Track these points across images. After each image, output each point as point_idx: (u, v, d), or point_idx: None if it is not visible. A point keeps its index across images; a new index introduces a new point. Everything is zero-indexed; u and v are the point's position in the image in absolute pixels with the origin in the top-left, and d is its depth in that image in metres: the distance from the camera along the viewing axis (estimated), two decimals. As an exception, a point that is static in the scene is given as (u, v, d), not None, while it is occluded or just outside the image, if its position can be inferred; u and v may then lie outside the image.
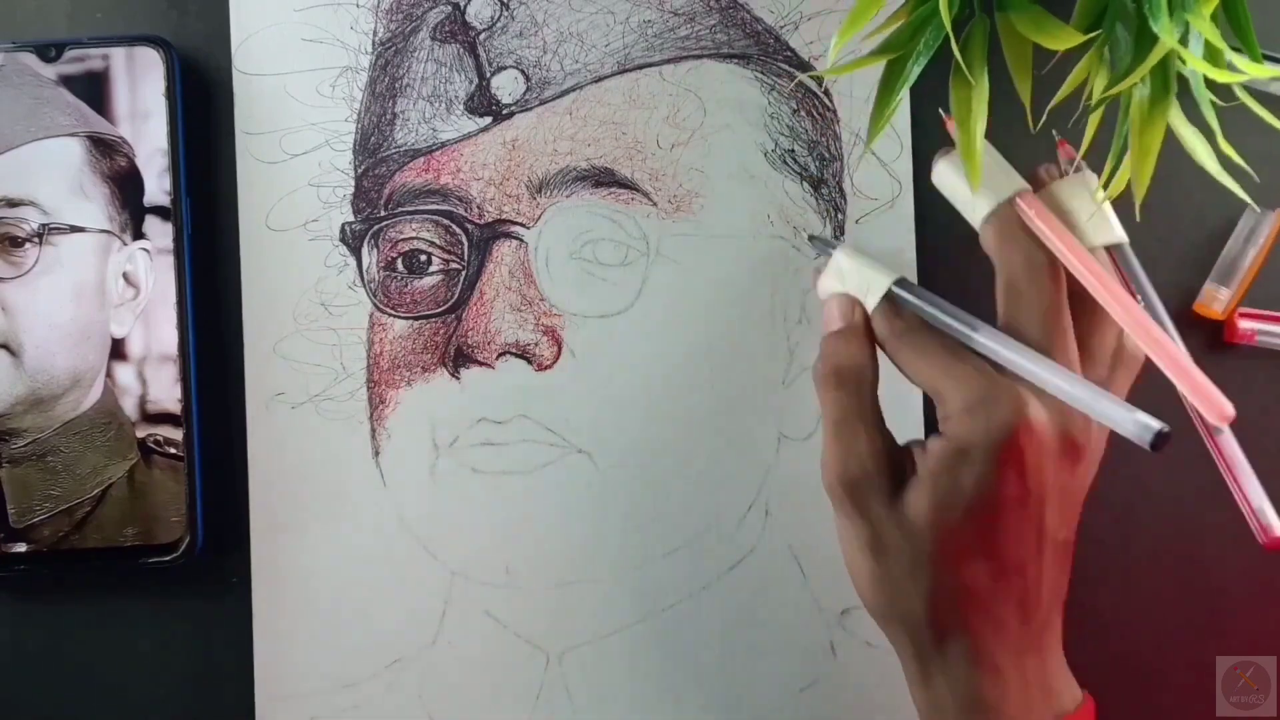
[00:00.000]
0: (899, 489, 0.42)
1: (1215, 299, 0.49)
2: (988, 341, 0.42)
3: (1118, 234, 0.44)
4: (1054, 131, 0.47)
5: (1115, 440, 0.50)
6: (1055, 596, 0.43)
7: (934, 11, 0.41)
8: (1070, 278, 0.43)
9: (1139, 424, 0.39)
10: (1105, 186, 0.42)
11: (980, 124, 0.41)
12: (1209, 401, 0.40)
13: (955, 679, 0.41)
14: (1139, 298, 0.44)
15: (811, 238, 0.49)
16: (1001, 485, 0.40)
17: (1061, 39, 0.39)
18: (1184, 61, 0.39)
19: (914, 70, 0.42)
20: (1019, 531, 0.41)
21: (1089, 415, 0.41)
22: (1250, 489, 0.42)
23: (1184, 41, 0.39)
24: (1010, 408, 0.40)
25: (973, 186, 0.42)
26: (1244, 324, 0.49)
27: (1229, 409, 0.40)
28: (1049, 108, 0.41)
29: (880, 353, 0.44)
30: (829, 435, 0.43)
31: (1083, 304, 0.43)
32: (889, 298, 0.44)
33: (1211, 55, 0.40)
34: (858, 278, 0.45)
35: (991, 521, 0.41)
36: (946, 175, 0.45)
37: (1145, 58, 0.38)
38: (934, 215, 0.49)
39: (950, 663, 0.41)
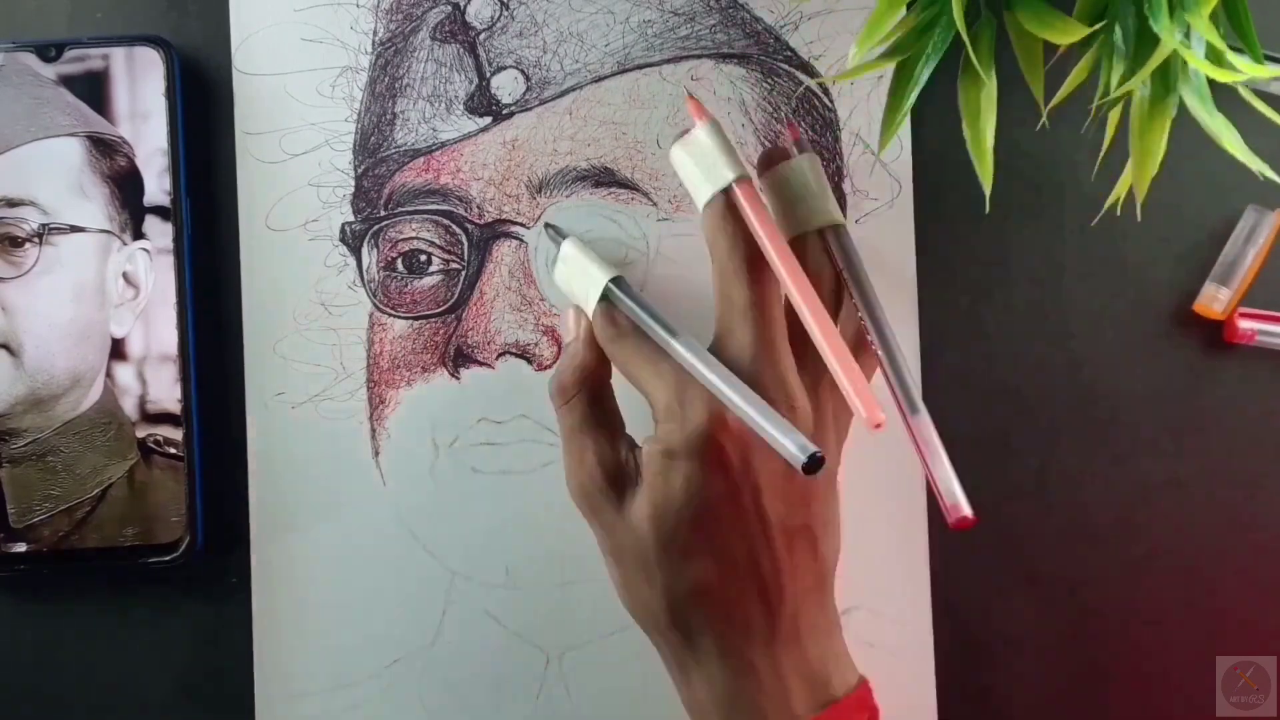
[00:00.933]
0: (628, 494, 0.43)
1: (1215, 299, 0.49)
2: (681, 350, 0.42)
3: (835, 216, 0.45)
4: (784, 113, 0.48)
5: (1113, 438, 0.50)
6: (804, 584, 0.42)
7: (941, 12, 0.41)
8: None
9: (797, 446, 0.39)
10: (1119, 192, 0.42)
11: (990, 122, 0.41)
12: (865, 403, 0.40)
13: (710, 677, 0.41)
14: (852, 284, 0.44)
15: (547, 225, 0.49)
16: (707, 485, 0.41)
17: (1067, 32, 0.39)
18: (1185, 62, 0.39)
19: (923, 73, 0.42)
20: (738, 526, 0.41)
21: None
22: (939, 471, 0.41)
23: (1184, 41, 0.39)
24: (704, 408, 0.41)
25: (984, 187, 0.41)
26: (1244, 324, 0.49)
27: (880, 415, 0.40)
28: (1048, 108, 0.41)
29: None
30: (563, 447, 0.45)
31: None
32: (605, 298, 0.44)
33: (1213, 55, 0.40)
34: (581, 274, 0.46)
35: (707, 520, 0.41)
36: (680, 158, 0.45)
37: (1146, 58, 0.38)
38: (934, 215, 0.50)
39: (702, 661, 0.42)
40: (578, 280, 0.46)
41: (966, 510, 0.41)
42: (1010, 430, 0.50)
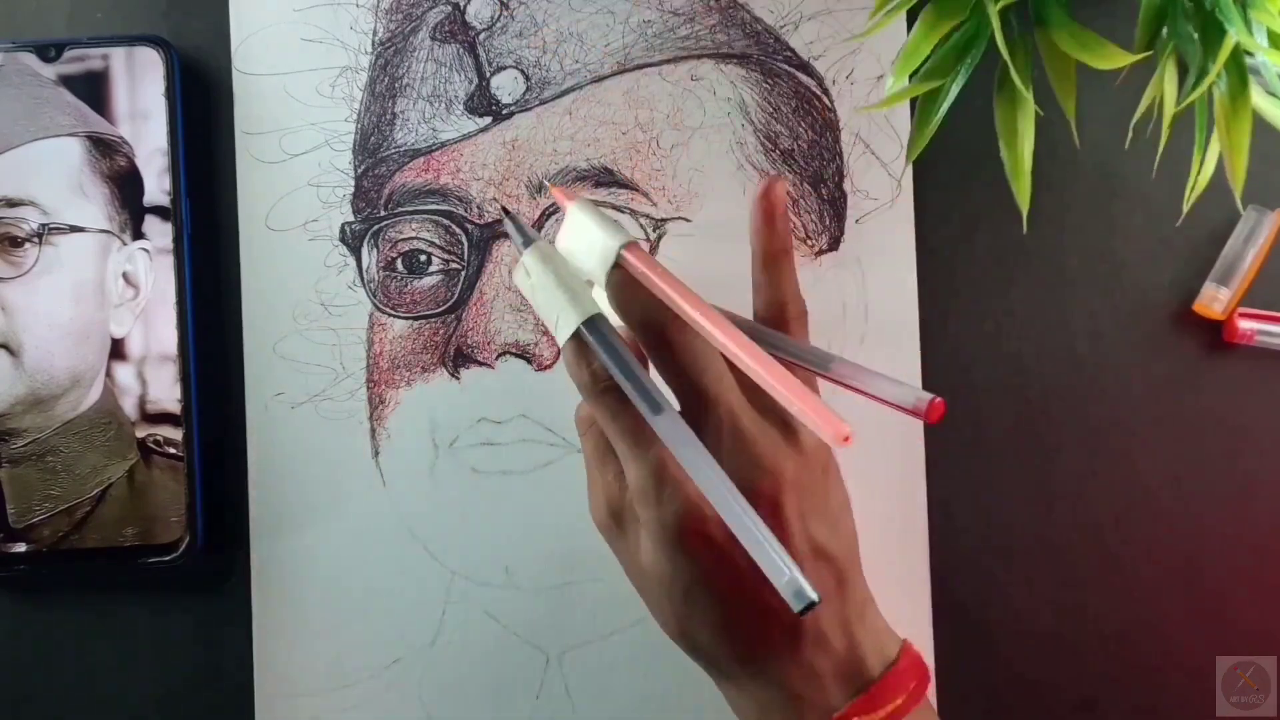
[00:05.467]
0: (633, 529, 0.41)
1: (1215, 299, 0.49)
2: (664, 434, 0.38)
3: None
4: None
5: (1113, 438, 0.50)
6: (821, 592, 0.38)
7: (975, 33, 0.40)
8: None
9: (793, 585, 0.36)
10: (1193, 189, 0.41)
11: (1028, 144, 0.41)
12: (825, 422, 0.37)
13: (740, 687, 0.41)
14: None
15: (505, 212, 0.43)
16: (693, 561, 0.39)
17: (1107, 58, 0.38)
18: (1251, 53, 0.38)
19: (953, 89, 0.41)
20: (734, 582, 0.39)
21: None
22: (882, 389, 0.39)
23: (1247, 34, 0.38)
24: (681, 500, 0.39)
25: (1022, 208, 0.41)
26: (1244, 324, 0.49)
27: (845, 429, 0.37)
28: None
29: None
30: (588, 474, 0.43)
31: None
32: (579, 336, 0.40)
33: (1276, 44, 0.39)
34: (546, 297, 0.40)
35: (702, 581, 0.40)
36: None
37: (1214, 58, 0.37)
38: (934, 215, 0.50)
39: (730, 676, 0.41)
40: (545, 300, 0.40)
41: (927, 401, 0.37)
42: (1011, 430, 0.50)
